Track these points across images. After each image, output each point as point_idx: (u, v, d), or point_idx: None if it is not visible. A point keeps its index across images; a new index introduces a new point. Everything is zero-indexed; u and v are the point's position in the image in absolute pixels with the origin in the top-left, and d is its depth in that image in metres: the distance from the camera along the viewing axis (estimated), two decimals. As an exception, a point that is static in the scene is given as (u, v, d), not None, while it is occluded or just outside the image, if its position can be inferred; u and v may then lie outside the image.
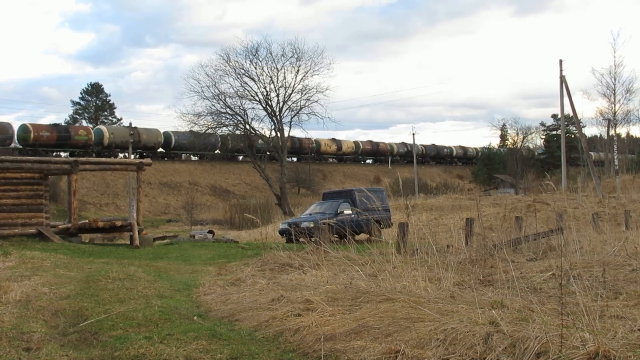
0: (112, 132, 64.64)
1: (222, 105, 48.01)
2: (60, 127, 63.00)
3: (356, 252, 12.27)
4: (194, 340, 6.96)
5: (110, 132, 64.19)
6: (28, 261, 14.90)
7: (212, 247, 21.34)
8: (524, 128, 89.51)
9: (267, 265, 13.28)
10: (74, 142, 61.23)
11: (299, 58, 48.56)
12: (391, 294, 8.01)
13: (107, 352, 6.79)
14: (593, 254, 11.57)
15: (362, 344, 6.33)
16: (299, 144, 76.34)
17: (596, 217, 18.87)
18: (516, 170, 71.29)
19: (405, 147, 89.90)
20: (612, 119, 56.85)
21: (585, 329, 5.73)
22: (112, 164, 30.00)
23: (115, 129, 66.59)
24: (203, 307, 9.69)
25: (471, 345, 5.72)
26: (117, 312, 8.70)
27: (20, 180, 21.85)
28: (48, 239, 21.06)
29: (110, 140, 63.22)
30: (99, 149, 63.07)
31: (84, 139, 61.97)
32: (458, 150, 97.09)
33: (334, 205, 26.02)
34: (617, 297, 8.20)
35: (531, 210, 27.87)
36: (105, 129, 64.99)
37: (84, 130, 64.24)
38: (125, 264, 15.40)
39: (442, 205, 36.33)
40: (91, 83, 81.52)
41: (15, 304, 9.33)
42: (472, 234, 14.14)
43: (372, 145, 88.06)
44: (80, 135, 62.32)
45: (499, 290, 8.49)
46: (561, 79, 43.22)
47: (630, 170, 55.68)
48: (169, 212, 60.33)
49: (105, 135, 63.37)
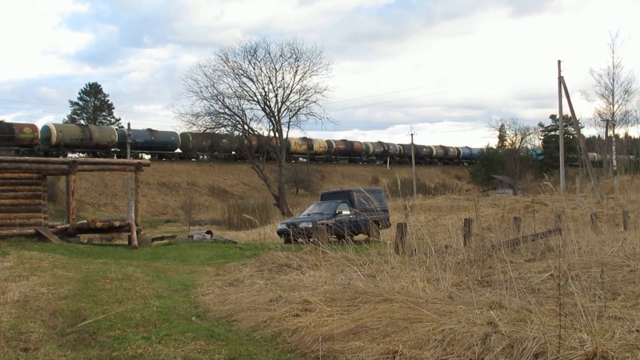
0: (60, 130, 60.68)
1: (220, 105, 48.10)
2: (2, 125, 58.53)
3: (354, 253, 12.28)
4: (192, 341, 6.96)
5: (58, 130, 60.16)
6: (26, 261, 14.89)
7: (211, 248, 21.33)
8: (522, 129, 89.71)
9: (265, 265, 13.27)
10: (19, 141, 57.53)
11: (297, 58, 48.66)
12: (389, 295, 8.01)
13: (105, 352, 6.78)
14: (591, 255, 11.59)
15: (360, 344, 6.33)
16: None
17: (594, 218, 18.90)
18: (514, 170, 71.36)
19: (381, 146, 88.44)
20: (610, 119, 56.91)
21: (583, 329, 5.74)
22: (111, 164, 30.01)
23: (64, 127, 62.72)
24: (201, 307, 9.68)
25: (469, 345, 5.73)
26: (115, 312, 8.69)
27: (18, 181, 21.85)
28: (46, 239, 21.05)
29: (58, 138, 59.36)
30: (46, 148, 59.13)
31: (29, 137, 58.19)
32: (438, 150, 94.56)
33: (332, 206, 26.03)
34: (615, 298, 8.22)
35: (529, 211, 27.90)
36: (54, 127, 60.70)
37: (30, 128, 59.90)
38: (123, 264, 15.40)
39: (441, 206, 36.38)
40: (89, 83, 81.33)
41: (13, 304, 9.31)
42: (471, 235, 14.16)
43: (346, 144, 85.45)
44: (25, 133, 58.40)
45: (497, 290, 8.49)
46: (559, 79, 43.27)
47: (629, 171, 55.72)
48: (168, 212, 60.29)
49: (53, 133, 59.39)
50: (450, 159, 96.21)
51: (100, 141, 62.48)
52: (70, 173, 22.92)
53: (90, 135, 61.01)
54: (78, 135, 59.69)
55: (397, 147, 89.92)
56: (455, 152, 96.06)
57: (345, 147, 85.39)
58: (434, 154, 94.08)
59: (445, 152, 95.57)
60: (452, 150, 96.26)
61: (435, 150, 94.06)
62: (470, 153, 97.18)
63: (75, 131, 59.76)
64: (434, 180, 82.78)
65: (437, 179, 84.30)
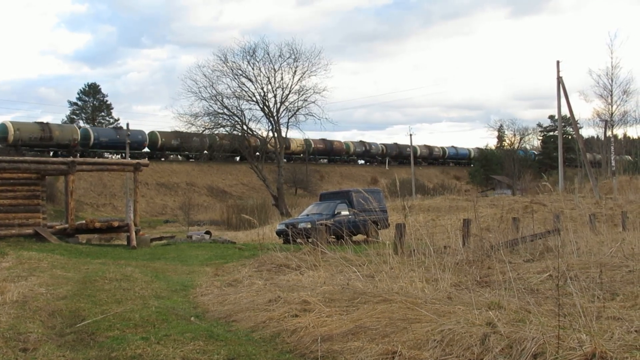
0: (18, 128, 57.39)
1: (219, 105, 48.09)
2: None
3: (353, 253, 12.29)
4: (191, 341, 6.96)
5: (15, 128, 56.93)
6: (25, 262, 14.88)
7: (209, 248, 21.32)
8: (521, 129, 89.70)
9: (264, 266, 13.28)
10: None
11: (296, 59, 48.67)
12: (388, 295, 8.02)
13: (104, 352, 6.78)
14: (590, 255, 11.60)
15: (359, 344, 6.34)
16: None
17: (593, 218, 18.90)
18: (513, 171, 71.38)
19: (363, 146, 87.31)
20: (609, 120, 56.96)
21: (582, 330, 5.74)
22: (109, 165, 30.07)
23: (22, 125, 59.52)
24: (200, 307, 9.68)
25: (468, 346, 5.73)
26: (114, 312, 8.69)
27: (17, 181, 21.83)
28: (45, 239, 21.04)
29: (16, 137, 56.21)
30: (2, 147, 55.14)
31: None
32: (422, 149, 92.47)
33: (331, 206, 26.03)
34: (614, 298, 8.22)
35: (528, 211, 27.90)
36: (10, 125, 57.78)
37: None
38: (122, 264, 15.40)
39: (440, 206, 36.37)
40: (88, 83, 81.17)
41: (12, 304, 9.32)
42: (469, 235, 14.17)
43: (325, 143, 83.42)
44: None
45: (496, 291, 8.50)
46: (558, 80, 43.30)
47: (627, 172, 55.67)
48: (166, 212, 60.24)
49: (10, 131, 56.39)
50: (435, 159, 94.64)
51: (61, 140, 59.26)
52: (68, 173, 22.92)
53: (50, 134, 58.27)
54: (37, 134, 56.81)
55: (379, 147, 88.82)
56: (440, 152, 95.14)
57: (325, 146, 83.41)
58: (418, 153, 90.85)
59: (429, 151, 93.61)
60: (437, 150, 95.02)
61: (419, 150, 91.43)
62: (456, 153, 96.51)
63: (34, 129, 56.81)
64: (432, 180, 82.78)
65: (436, 180, 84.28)
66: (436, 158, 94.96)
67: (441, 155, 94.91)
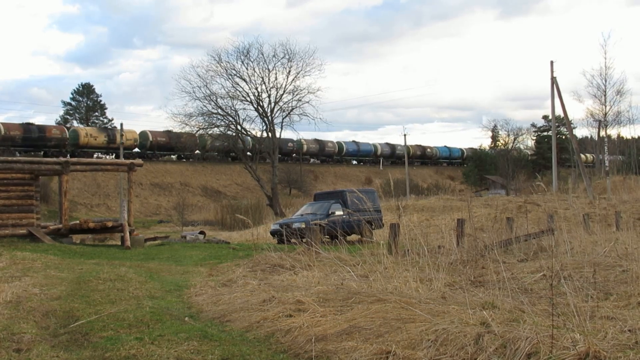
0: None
1: (213, 106, 47.99)
2: None
3: (347, 253, 12.28)
4: (185, 341, 6.95)
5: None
6: (19, 262, 14.82)
7: (204, 248, 21.30)
8: (515, 129, 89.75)
9: (258, 266, 13.26)
10: None
11: (290, 59, 48.61)
12: (382, 295, 8.02)
13: (97, 353, 6.77)
14: (584, 255, 11.62)
15: (353, 344, 6.34)
16: None
17: (587, 218, 18.95)
18: (507, 171, 71.46)
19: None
20: (602, 120, 57.06)
21: (575, 329, 5.76)
22: (103, 165, 29.95)
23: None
24: (194, 308, 9.67)
25: (462, 345, 5.74)
26: (108, 313, 8.67)
27: (10, 181, 21.75)
28: (39, 239, 20.97)
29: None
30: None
31: None
32: (384, 148, 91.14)
33: (325, 206, 26.04)
34: (608, 298, 8.25)
35: (522, 211, 27.96)
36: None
37: None
38: (116, 264, 15.36)
39: (434, 206, 36.40)
40: (82, 84, 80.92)
41: (6, 304, 9.29)
42: (463, 235, 14.17)
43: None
44: None
45: (490, 291, 8.52)
46: (552, 80, 43.33)
47: (621, 172, 55.79)
48: (160, 213, 60.15)
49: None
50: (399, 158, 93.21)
51: None
52: (62, 173, 22.84)
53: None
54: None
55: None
56: (433, 152, 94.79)
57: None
58: (379, 152, 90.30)
59: (392, 150, 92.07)
60: (430, 150, 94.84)
61: (380, 149, 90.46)
62: (449, 153, 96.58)
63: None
64: (426, 180, 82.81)
65: (430, 180, 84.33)
66: (430, 158, 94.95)
67: (434, 155, 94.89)
